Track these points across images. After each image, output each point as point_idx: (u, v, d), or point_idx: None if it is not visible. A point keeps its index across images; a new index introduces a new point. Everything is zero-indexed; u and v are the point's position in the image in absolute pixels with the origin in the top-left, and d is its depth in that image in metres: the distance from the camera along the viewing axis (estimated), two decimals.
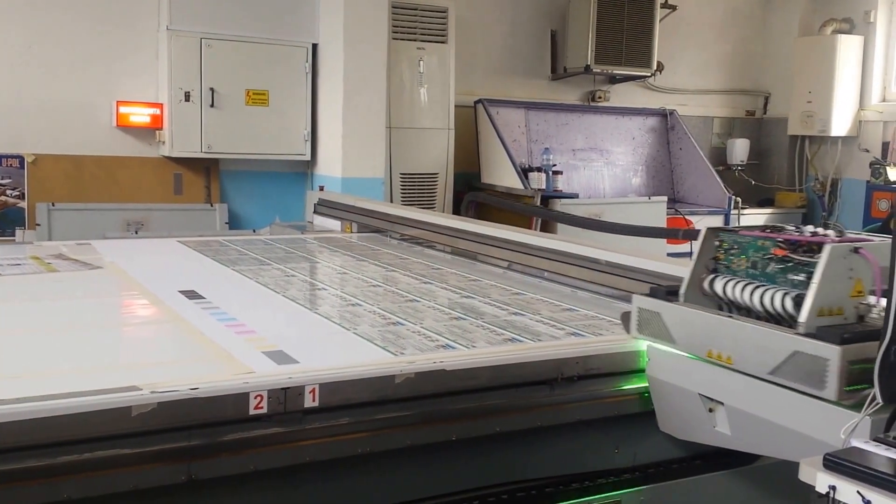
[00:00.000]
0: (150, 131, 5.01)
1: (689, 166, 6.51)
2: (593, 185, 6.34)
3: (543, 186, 5.49)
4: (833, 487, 1.12)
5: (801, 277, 1.62)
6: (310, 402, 1.59)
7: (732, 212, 6.20)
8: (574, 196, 5.60)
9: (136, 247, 3.60)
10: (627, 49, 6.16)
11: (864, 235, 1.68)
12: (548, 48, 6.37)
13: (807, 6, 6.95)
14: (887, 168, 6.19)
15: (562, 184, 5.67)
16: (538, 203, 5.26)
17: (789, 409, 1.54)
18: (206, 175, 5.21)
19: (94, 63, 4.86)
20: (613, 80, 6.53)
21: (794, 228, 1.72)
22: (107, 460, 1.43)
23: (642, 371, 1.90)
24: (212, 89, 4.94)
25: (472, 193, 5.38)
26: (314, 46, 5.25)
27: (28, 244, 3.71)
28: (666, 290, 1.87)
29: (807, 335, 1.52)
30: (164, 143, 4.99)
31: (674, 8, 6.49)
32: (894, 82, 6.66)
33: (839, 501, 1.11)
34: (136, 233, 4.74)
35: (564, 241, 2.91)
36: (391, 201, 5.24)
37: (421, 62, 5.47)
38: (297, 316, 2.26)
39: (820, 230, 1.69)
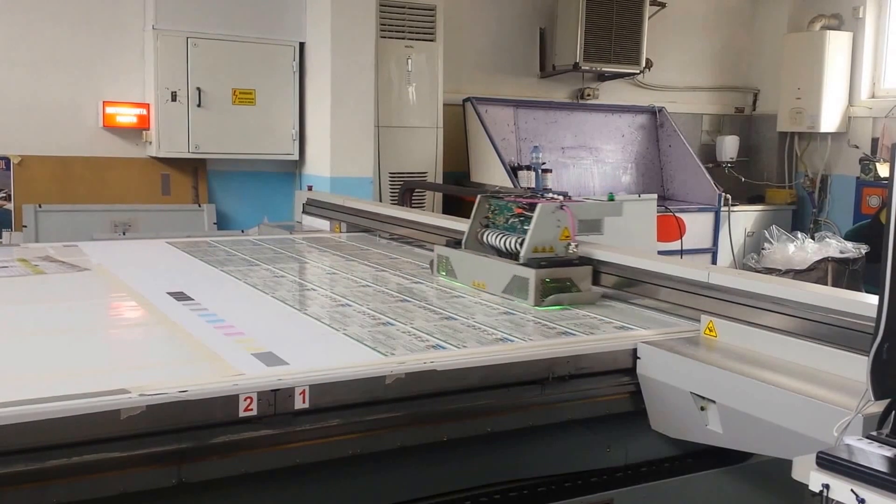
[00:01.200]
0: (136, 131, 4.97)
1: (678, 163, 6.52)
2: (583, 183, 6.34)
3: (533, 185, 5.46)
4: (826, 486, 1.12)
5: (528, 227, 2.46)
6: (300, 403, 1.58)
7: (723, 209, 6.22)
8: (564, 194, 5.59)
9: (124, 248, 3.57)
10: (616, 46, 6.17)
11: (577, 199, 2.66)
12: (536, 46, 6.36)
13: (795, 2, 6.98)
14: (877, 164, 6.23)
15: (551, 182, 5.59)
16: None
17: (781, 406, 1.55)
18: (193, 175, 5.17)
19: (79, 63, 4.81)
20: (602, 77, 6.53)
21: (539, 195, 2.61)
22: (96, 464, 1.42)
23: (633, 370, 1.91)
24: (198, 89, 4.90)
25: (406, 182, 5.45)
26: (301, 45, 5.22)
27: (15, 246, 3.66)
28: (455, 241, 2.76)
29: (521, 264, 2.39)
30: (150, 143, 4.96)
31: (662, 5, 6.50)
32: (883, 78, 6.70)
33: (833, 500, 1.11)
34: (124, 234, 4.71)
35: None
36: (380, 201, 5.23)
37: (409, 60, 5.45)
38: (286, 317, 2.24)
39: (554, 196, 2.58)
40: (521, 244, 2.43)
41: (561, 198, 2.56)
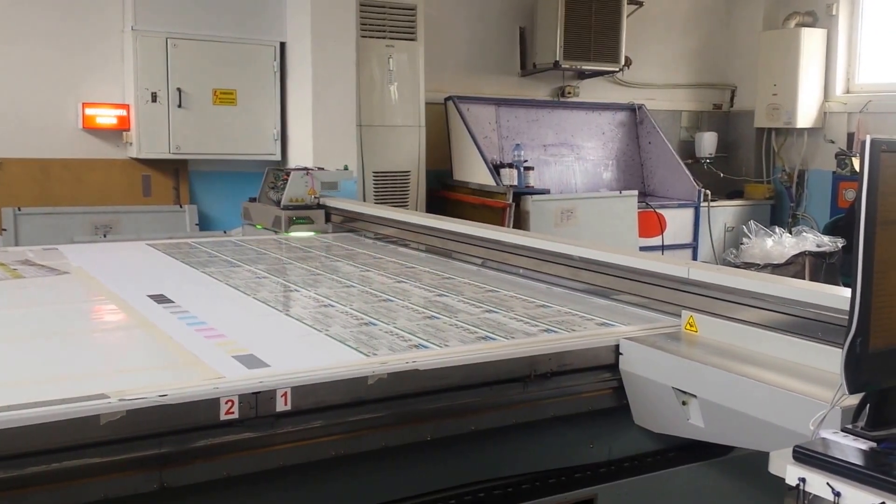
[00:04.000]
0: (117, 133, 4.92)
1: (658, 160, 6.57)
2: (564, 180, 6.37)
3: (515, 182, 5.50)
4: (803, 479, 1.13)
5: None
6: (282, 405, 1.57)
7: (702, 204, 6.28)
8: (546, 192, 5.63)
9: (105, 250, 3.53)
10: (595, 44, 6.20)
11: (317, 169, 4.23)
12: (517, 45, 6.38)
13: (770, 0, 7.06)
14: (853, 158, 6.32)
15: (533, 179, 5.69)
16: (510, 199, 5.27)
17: (761, 400, 1.57)
18: (174, 176, 5.13)
19: (58, 64, 4.76)
20: (582, 75, 6.57)
21: (301, 169, 4.15)
22: (75, 470, 1.41)
23: (615, 366, 1.92)
24: (179, 89, 4.86)
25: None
26: (282, 45, 5.20)
27: None
28: (253, 198, 4.29)
29: (280, 208, 3.98)
30: (131, 144, 4.91)
31: (640, 4, 6.55)
32: (857, 74, 6.79)
33: (809, 493, 1.13)
34: (105, 236, 4.66)
35: (538, 237, 2.92)
36: (363, 200, 5.22)
37: (391, 60, 5.44)
38: (268, 318, 2.23)
39: (309, 169, 4.17)
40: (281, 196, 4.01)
41: (311, 169, 4.17)
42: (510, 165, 5.61)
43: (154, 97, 4.82)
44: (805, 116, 6.73)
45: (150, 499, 1.48)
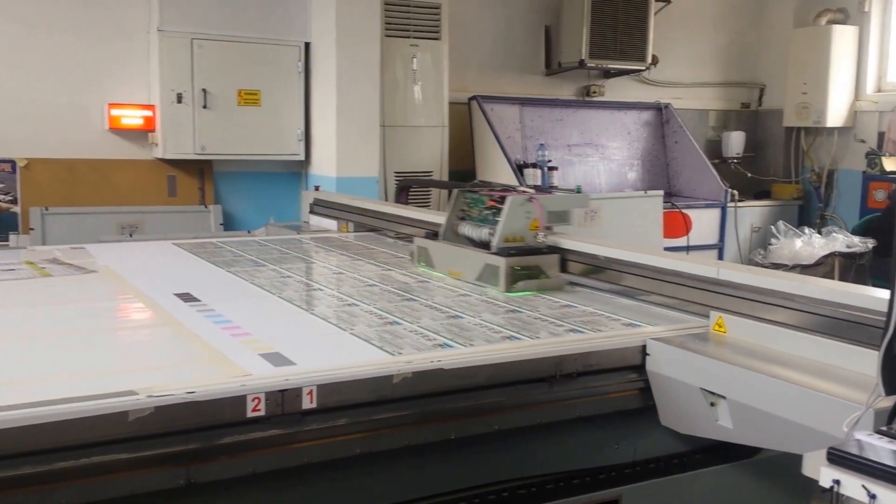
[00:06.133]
0: (142, 133, 4.98)
1: (684, 160, 6.50)
2: (589, 180, 6.33)
3: (539, 182, 5.47)
4: (837, 481, 1.11)
5: (500, 218, 2.62)
6: (308, 403, 1.58)
7: (729, 204, 6.20)
8: (538, 187, 5.58)
9: (131, 250, 3.57)
10: (622, 43, 6.15)
11: (546, 192, 2.93)
12: (542, 43, 6.35)
13: None
14: (883, 158, 6.19)
15: (557, 179, 5.66)
16: None
17: (792, 401, 1.54)
18: (199, 177, 5.18)
19: (85, 66, 4.83)
20: (608, 74, 6.51)
21: (508, 188, 2.77)
22: (104, 465, 1.42)
23: (642, 366, 1.90)
24: (204, 90, 4.91)
25: (403, 180, 5.44)
26: (307, 45, 5.22)
27: (22, 249, 3.68)
28: (433, 233, 2.92)
29: (492, 253, 2.57)
30: (156, 145, 4.97)
31: (668, 1, 6.48)
32: (889, 72, 6.66)
33: (843, 495, 1.10)
34: (131, 236, 4.72)
35: (561, 236, 2.90)
36: (385, 200, 5.23)
37: (414, 59, 5.44)
38: (293, 317, 2.24)
39: (524, 189, 2.75)
40: (492, 234, 2.62)
41: (531, 191, 2.77)
42: (534, 165, 5.58)
43: (179, 98, 4.87)
44: (835, 115, 6.60)
45: (177, 495, 1.49)
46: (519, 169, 5.53)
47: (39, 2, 4.70)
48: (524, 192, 2.71)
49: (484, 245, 2.66)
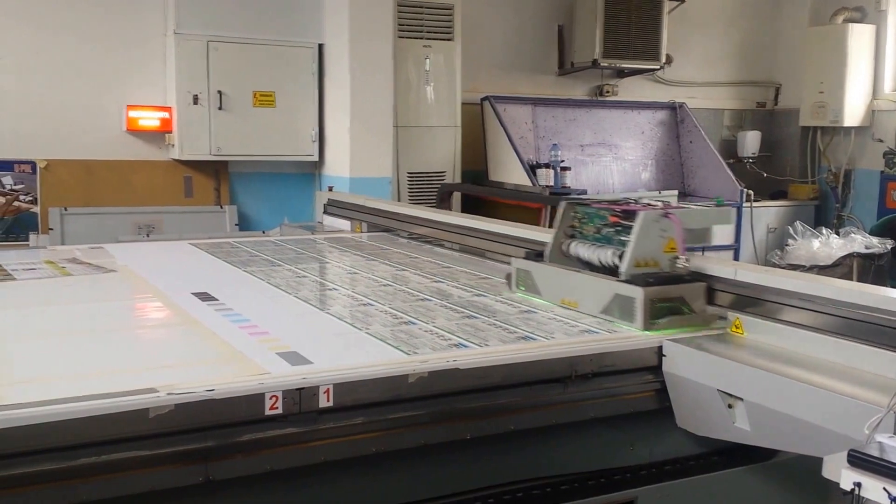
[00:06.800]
0: (159, 135, 5.03)
1: (699, 160, 6.46)
2: (602, 180, 6.31)
3: (552, 183, 5.46)
4: (858, 484, 1.10)
5: (626, 238, 2.10)
6: (324, 402, 1.59)
7: (745, 205, 6.15)
8: (583, 192, 5.58)
9: (148, 250, 3.61)
10: (635, 42, 6.12)
11: (681, 206, 2.23)
12: (554, 43, 6.34)
13: None
14: None
15: (570, 180, 5.65)
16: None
17: (811, 404, 1.53)
18: (215, 177, 5.22)
19: (103, 69, 4.88)
20: (621, 74, 6.49)
21: (632, 201, 2.21)
22: (124, 462, 1.44)
23: (658, 367, 1.89)
24: (219, 92, 4.95)
25: (444, 185, 5.40)
26: (320, 47, 5.25)
27: (42, 248, 3.73)
28: (536, 254, 2.40)
29: (624, 281, 2.03)
30: (173, 146, 5.01)
31: (682, 0, 6.45)
32: None
33: (864, 498, 1.10)
34: (148, 235, 4.76)
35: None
36: (399, 200, 5.24)
37: (427, 60, 5.46)
38: (309, 316, 2.26)
39: (650, 202, 2.18)
40: (621, 257, 2.08)
41: (660, 204, 2.20)
42: (546, 166, 5.57)
43: (195, 99, 4.91)
44: (852, 115, 6.54)
45: (196, 491, 1.51)
46: (531, 169, 5.52)
47: (59, 8, 4.75)
48: (652, 205, 2.17)
49: (607, 270, 2.14)
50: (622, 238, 2.13)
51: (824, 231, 5.96)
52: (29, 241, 4.69)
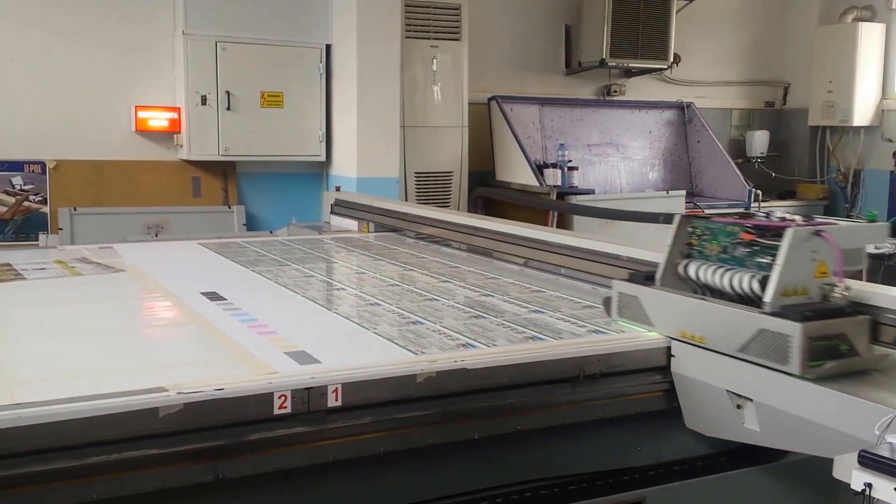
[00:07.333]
0: (168, 135, 5.05)
1: (707, 159, 6.44)
2: (609, 180, 6.30)
3: (559, 183, 5.46)
4: (869, 485, 1.10)
5: (767, 260, 1.73)
6: (333, 401, 1.59)
7: (753, 204, 6.13)
8: (590, 192, 5.57)
9: (157, 249, 3.63)
10: (643, 42, 6.11)
11: (829, 220, 1.82)
12: (562, 43, 6.33)
13: None
14: None
15: (577, 180, 5.64)
16: (553, 199, 5.23)
17: (821, 404, 1.52)
18: (223, 177, 5.24)
19: (111, 68, 4.91)
20: (629, 73, 6.48)
21: (763, 215, 1.85)
22: (134, 461, 1.45)
23: (667, 368, 1.89)
24: (227, 92, 4.97)
25: (479, 189, 5.36)
26: (328, 47, 5.26)
27: (52, 248, 3.76)
28: (644, 276, 2.01)
29: (771, 314, 1.64)
30: (181, 146, 5.03)
31: None
32: None
33: (875, 499, 1.09)
34: (157, 235, 4.79)
35: (582, 237, 2.89)
36: (406, 200, 5.24)
37: (434, 60, 5.46)
38: (317, 316, 2.26)
39: (787, 216, 1.80)
40: (762, 284, 1.70)
41: (798, 218, 1.78)
42: (554, 165, 5.57)
43: (204, 100, 4.93)
44: (862, 114, 6.51)
45: (206, 490, 1.52)
46: (539, 169, 5.52)
47: (68, 10, 4.78)
48: (790, 219, 1.77)
49: (741, 298, 1.77)
50: (761, 260, 1.76)
51: None
52: (39, 241, 4.72)
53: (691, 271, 1.91)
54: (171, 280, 2.73)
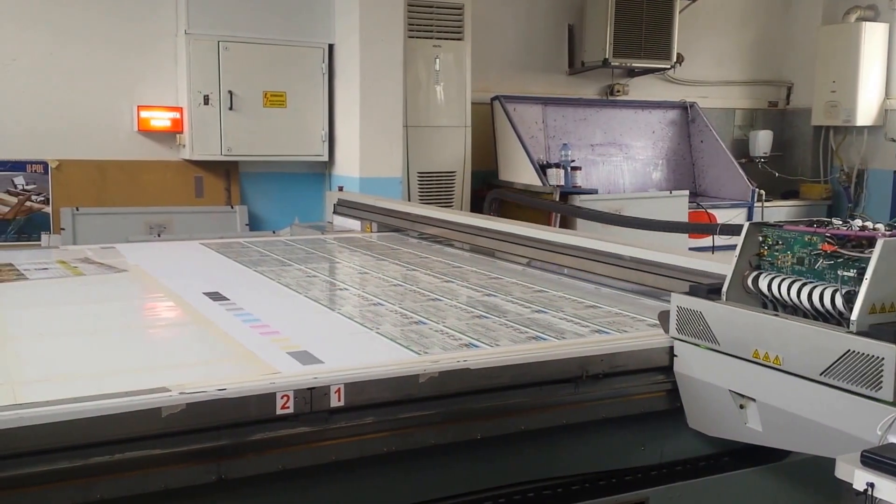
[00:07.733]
0: (170, 135, 5.05)
1: (710, 159, 6.44)
2: (613, 180, 6.29)
3: (562, 182, 5.46)
4: (871, 484, 1.10)
5: (852, 273, 1.57)
6: (335, 401, 1.59)
7: (756, 204, 6.12)
8: (593, 192, 5.57)
9: (160, 250, 3.63)
10: (646, 41, 6.11)
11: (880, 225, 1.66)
12: (565, 42, 6.33)
13: None
14: None
15: (580, 179, 5.64)
16: (556, 200, 5.22)
17: (824, 404, 1.52)
18: (226, 177, 5.25)
19: (114, 70, 4.91)
20: (632, 73, 6.47)
21: (841, 223, 1.69)
22: (138, 461, 1.45)
23: (669, 368, 1.89)
24: (230, 92, 4.97)
25: (495, 191, 5.36)
26: (330, 47, 5.26)
27: (54, 248, 3.76)
28: (707, 289, 1.83)
29: (860, 333, 1.48)
30: (184, 146, 5.04)
31: None
32: None
33: (878, 499, 1.09)
34: (159, 235, 4.79)
35: (586, 237, 2.89)
36: (409, 200, 5.24)
37: (437, 60, 5.46)
38: (319, 316, 2.26)
39: (869, 224, 1.66)
40: (848, 300, 1.56)
41: (881, 226, 1.64)
42: (557, 165, 5.57)
43: (206, 100, 4.93)
44: (865, 114, 6.49)
45: (209, 490, 1.52)
46: (542, 169, 5.52)
47: (71, 10, 4.79)
48: (873, 228, 1.63)
49: (821, 315, 1.63)
50: (845, 273, 1.60)
51: None
52: (41, 241, 4.73)
53: (762, 284, 1.73)
54: (174, 280, 2.73)
